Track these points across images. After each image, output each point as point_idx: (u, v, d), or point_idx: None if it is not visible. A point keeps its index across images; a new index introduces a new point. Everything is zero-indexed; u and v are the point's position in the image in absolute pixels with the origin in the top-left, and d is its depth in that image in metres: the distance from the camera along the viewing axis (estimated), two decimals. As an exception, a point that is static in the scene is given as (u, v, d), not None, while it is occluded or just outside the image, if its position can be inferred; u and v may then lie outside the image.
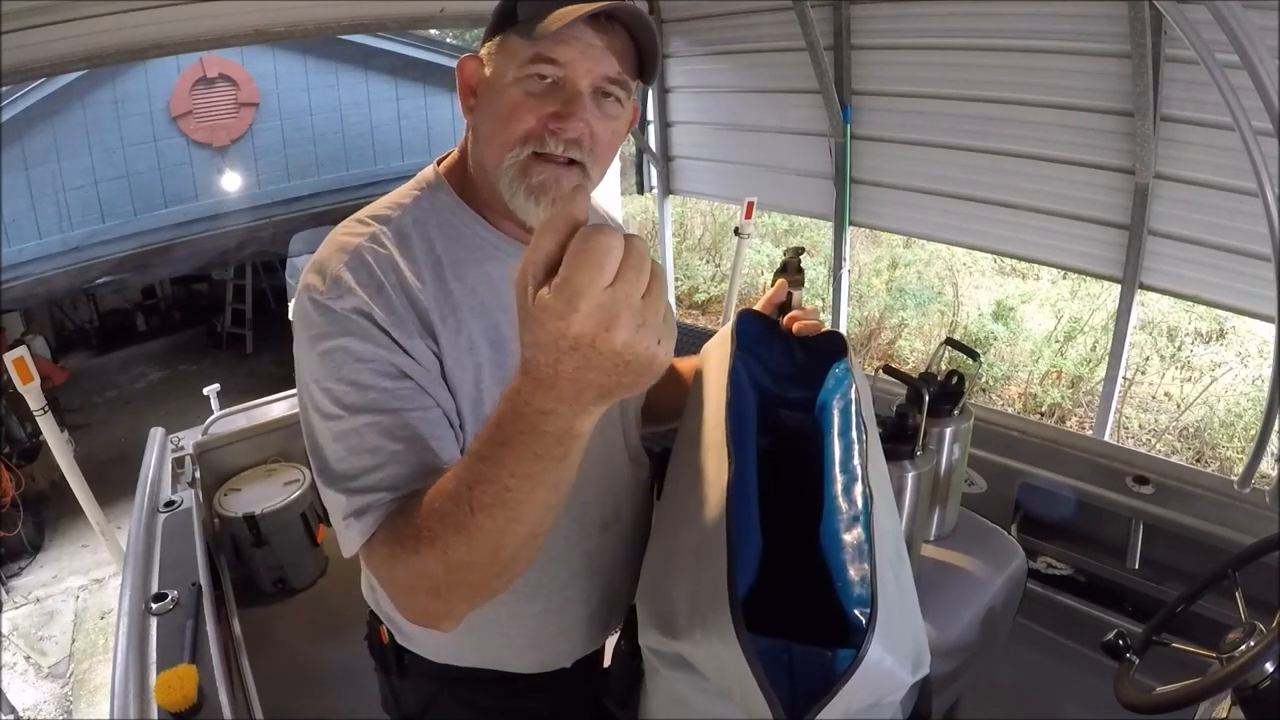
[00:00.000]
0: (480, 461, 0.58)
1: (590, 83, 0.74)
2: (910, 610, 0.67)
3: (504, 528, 0.59)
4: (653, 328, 0.48)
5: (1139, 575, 1.77)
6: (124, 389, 6.38)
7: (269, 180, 6.06)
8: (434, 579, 0.63)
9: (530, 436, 0.54)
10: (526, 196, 0.76)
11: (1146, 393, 5.18)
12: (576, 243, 0.45)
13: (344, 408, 0.70)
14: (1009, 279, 6.80)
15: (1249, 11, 1.38)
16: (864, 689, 0.60)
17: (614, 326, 0.46)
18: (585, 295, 0.45)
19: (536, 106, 0.74)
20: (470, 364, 0.78)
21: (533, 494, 0.57)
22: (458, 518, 0.60)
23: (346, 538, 0.69)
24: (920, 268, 6.83)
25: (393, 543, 0.65)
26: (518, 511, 0.58)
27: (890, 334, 6.24)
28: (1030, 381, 5.44)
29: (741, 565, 0.66)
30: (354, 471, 0.69)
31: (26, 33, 2.09)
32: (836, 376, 0.88)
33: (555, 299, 0.45)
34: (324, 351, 0.71)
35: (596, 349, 0.47)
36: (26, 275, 5.09)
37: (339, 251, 0.75)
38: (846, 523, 0.69)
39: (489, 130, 0.77)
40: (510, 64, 0.74)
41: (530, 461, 0.55)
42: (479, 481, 0.58)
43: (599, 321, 0.46)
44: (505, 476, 0.57)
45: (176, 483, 2.02)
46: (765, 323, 0.97)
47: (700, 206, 8.07)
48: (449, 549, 0.61)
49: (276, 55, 5.81)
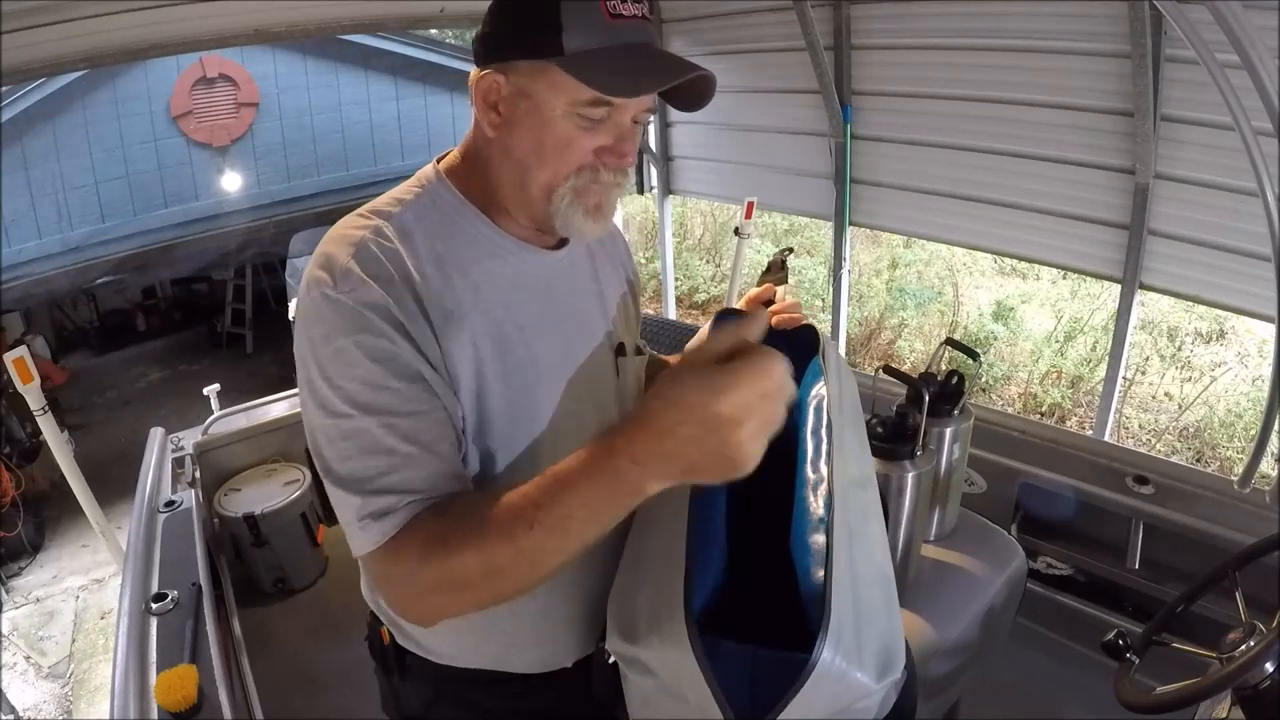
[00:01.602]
0: (556, 483, 0.61)
1: (634, 115, 0.77)
2: (876, 614, 0.66)
3: (551, 549, 0.62)
4: (761, 445, 0.54)
5: (1139, 575, 1.77)
6: (124, 389, 6.38)
7: (269, 180, 6.06)
8: (464, 580, 0.66)
9: (612, 477, 0.58)
10: (585, 217, 0.79)
11: (1146, 393, 5.18)
12: (763, 356, 0.53)
13: (356, 406, 0.70)
14: (1009, 279, 6.80)
15: (1249, 11, 1.38)
16: (821, 697, 0.60)
17: (744, 424, 0.52)
18: (743, 389, 0.52)
19: (590, 140, 0.76)
20: (472, 361, 0.78)
21: (586, 529, 0.61)
22: (514, 529, 0.62)
23: (362, 538, 0.70)
24: (920, 268, 6.82)
25: (426, 543, 0.67)
26: (569, 540, 0.62)
27: (890, 334, 6.24)
28: (1030, 381, 5.44)
29: (702, 570, 0.66)
30: (368, 473, 0.70)
31: (26, 33, 2.09)
32: (813, 371, 0.88)
33: (721, 375, 0.52)
34: (337, 349, 0.71)
35: (717, 432, 0.52)
36: (26, 275, 5.09)
37: (345, 245, 0.75)
38: (813, 525, 0.70)
39: (534, 158, 0.77)
40: (559, 98, 0.74)
41: (601, 500, 0.60)
42: (548, 503, 0.61)
43: (738, 413, 0.52)
44: (575, 505, 0.60)
45: (176, 483, 2.02)
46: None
47: (700, 206, 8.07)
48: (495, 555, 0.63)
49: (276, 55, 5.81)
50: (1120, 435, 4.71)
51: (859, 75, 3.39)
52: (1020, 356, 5.70)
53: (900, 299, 6.33)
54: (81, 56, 2.40)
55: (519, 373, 0.81)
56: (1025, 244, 3.12)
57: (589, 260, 0.95)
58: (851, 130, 3.48)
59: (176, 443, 2.23)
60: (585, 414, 0.89)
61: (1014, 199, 3.04)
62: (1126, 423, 4.91)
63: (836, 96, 3.40)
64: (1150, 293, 2.80)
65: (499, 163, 0.80)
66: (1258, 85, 1.37)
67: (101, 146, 5.28)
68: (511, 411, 0.81)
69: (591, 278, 0.94)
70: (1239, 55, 1.36)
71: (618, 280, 1.00)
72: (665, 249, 4.95)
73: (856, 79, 3.40)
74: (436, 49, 6.53)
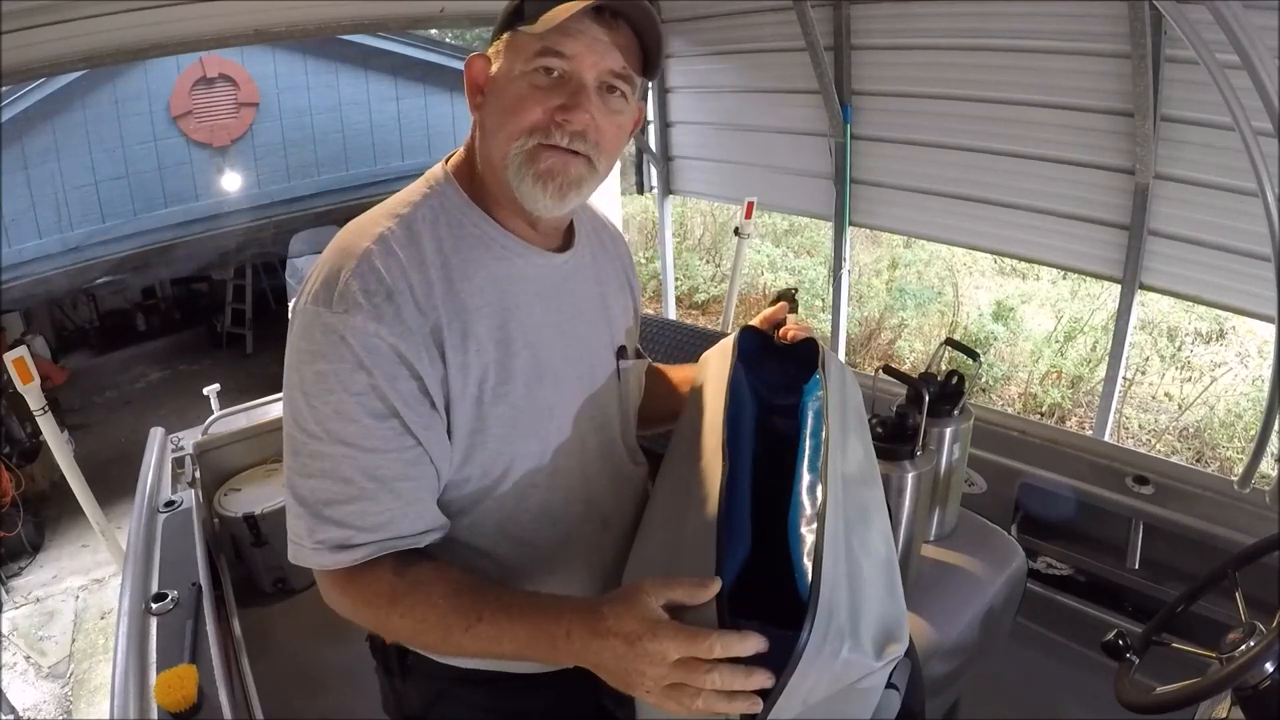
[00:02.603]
0: (501, 609, 0.71)
1: (595, 76, 0.76)
2: (875, 597, 0.68)
3: (477, 651, 0.72)
4: (654, 688, 0.63)
5: (1139, 575, 1.77)
6: (124, 389, 6.37)
7: (269, 180, 6.06)
8: (394, 632, 0.78)
9: (546, 640, 0.68)
10: (534, 183, 0.77)
11: (1146, 393, 5.18)
12: (696, 633, 0.61)
13: (326, 431, 0.73)
14: (1009, 279, 6.80)
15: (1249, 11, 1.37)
16: (820, 678, 0.62)
17: (654, 669, 0.62)
18: (668, 647, 0.61)
19: (543, 99, 0.76)
20: (476, 365, 0.78)
21: (508, 655, 0.71)
22: (448, 622, 0.72)
23: (313, 558, 0.75)
24: (920, 268, 6.82)
25: (376, 593, 0.74)
26: (490, 653, 0.72)
27: (890, 334, 6.23)
28: (1030, 381, 5.44)
29: (728, 562, 0.68)
30: (324, 496, 0.73)
31: (26, 33, 2.09)
32: (815, 380, 0.92)
33: (664, 626, 0.62)
34: (318, 371, 0.72)
35: (635, 661, 0.63)
36: (26, 275, 5.08)
37: (348, 257, 0.75)
38: (807, 519, 0.72)
39: (495, 123, 0.78)
40: (517, 59, 0.76)
41: (527, 645, 0.69)
42: (489, 620, 0.70)
43: (656, 658, 0.62)
44: (507, 638, 0.70)
45: (176, 483, 2.02)
46: (762, 338, 1.03)
47: (700, 206, 8.07)
48: (425, 634, 0.74)
49: (276, 55, 5.80)
50: (1120, 435, 4.71)
51: (859, 75, 3.39)
52: (1020, 356, 5.70)
53: (900, 299, 6.33)
54: (81, 56, 2.40)
55: (523, 374, 0.82)
56: (1025, 244, 3.12)
57: (592, 263, 0.95)
58: (851, 130, 3.48)
59: (176, 443, 2.23)
60: (586, 415, 0.89)
61: (1014, 199, 3.04)
62: (1126, 423, 4.91)
63: (836, 96, 3.40)
64: (1150, 293, 2.80)
65: (480, 144, 0.82)
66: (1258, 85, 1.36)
67: (101, 146, 5.27)
68: (514, 413, 0.81)
69: (595, 280, 0.95)
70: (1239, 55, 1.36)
71: (619, 284, 1.01)
72: (665, 249, 4.95)
73: (856, 79, 3.41)
74: (436, 49, 6.53)
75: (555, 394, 0.85)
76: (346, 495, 0.73)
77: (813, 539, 0.69)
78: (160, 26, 2.46)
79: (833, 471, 0.76)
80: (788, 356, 0.99)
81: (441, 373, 0.76)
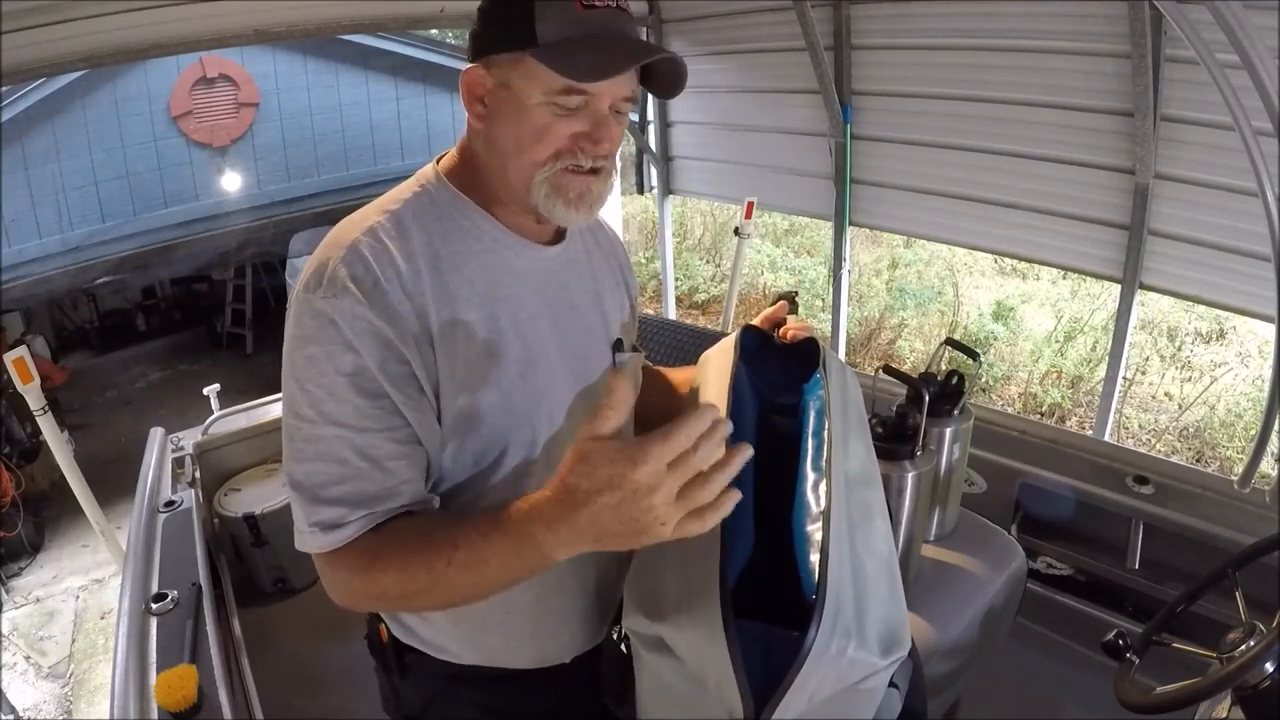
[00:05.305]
0: (474, 530, 0.68)
1: (611, 103, 0.79)
2: (878, 597, 0.69)
3: (463, 584, 0.70)
4: (676, 510, 0.58)
5: (1139, 575, 1.77)
6: (124, 389, 6.37)
7: (269, 180, 6.06)
8: (384, 594, 0.76)
9: (524, 540, 0.65)
10: (566, 207, 0.80)
11: (1146, 393, 5.18)
12: (670, 429, 0.56)
13: (319, 413, 0.74)
14: (1009, 279, 6.80)
15: (1249, 11, 1.37)
16: (825, 677, 0.63)
17: (659, 490, 0.56)
18: (654, 460, 0.56)
19: (566, 127, 0.77)
20: (463, 356, 0.79)
21: (500, 575, 0.69)
22: (432, 562, 0.70)
23: (311, 542, 0.77)
24: (920, 268, 6.83)
25: (361, 556, 0.74)
26: (483, 580, 0.70)
27: (890, 334, 6.23)
28: (1030, 381, 5.44)
29: (732, 560, 0.68)
30: (319, 479, 0.75)
31: (26, 33, 2.09)
32: (816, 379, 0.93)
33: (635, 447, 0.56)
34: (309, 356, 0.74)
35: (636, 500, 0.57)
36: (26, 275, 5.09)
37: (337, 247, 0.77)
38: (812, 518, 0.73)
39: (513, 146, 0.79)
40: (534, 87, 0.76)
41: (512, 555, 0.66)
42: (465, 545, 0.68)
43: (653, 480, 0.56)
44: (489, 554, 0.67)
45: (176, 483, 2.02)
46: (763, 337, 1.03)
47: (700, 206, 8.07)
48: (413, 581, 0.72)
49: (276, 55, 5.80)
50: (1120, 435, 4.71)
51: (859, 75, 3.39)
52: (1020, 356, 5.70)
53: (900, 299, 6.33)
54: (81, 56, 2.40)
55: (514, 362, 0.83)
56: (1025, 244, 3.12)
57: (586, 259, 0.96)
58: (851, 130, 3.48)
59: (176, 443, 2.23)
60: (580, 406, 0.89)
61: (1014, 199, 3.04)
62: (1126, 423, 4.91)
63: (836, 96, 3.40)
64: (1150, 293, 2.80)
65: (486, 155, 0.82)
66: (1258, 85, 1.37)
67: (101, 146, 5.28)
68: (506, 401, 0.82)
69: (589, 275, 0.95)
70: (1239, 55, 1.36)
71: (615, 281, 1.01)
72: (665, 249, 4.95)
73: (856, 79, 3.40)
74: (436, 49, 6.53)
75: (548, 383, 0.86)
76: (340, 476, 0.74)
77: (818, 537, 0.69)
78: (160, 26, 2.46)
79: (836, 470, 0.76)
80: (788, 356, 1.00)
81: (430, 359, 0.77)
